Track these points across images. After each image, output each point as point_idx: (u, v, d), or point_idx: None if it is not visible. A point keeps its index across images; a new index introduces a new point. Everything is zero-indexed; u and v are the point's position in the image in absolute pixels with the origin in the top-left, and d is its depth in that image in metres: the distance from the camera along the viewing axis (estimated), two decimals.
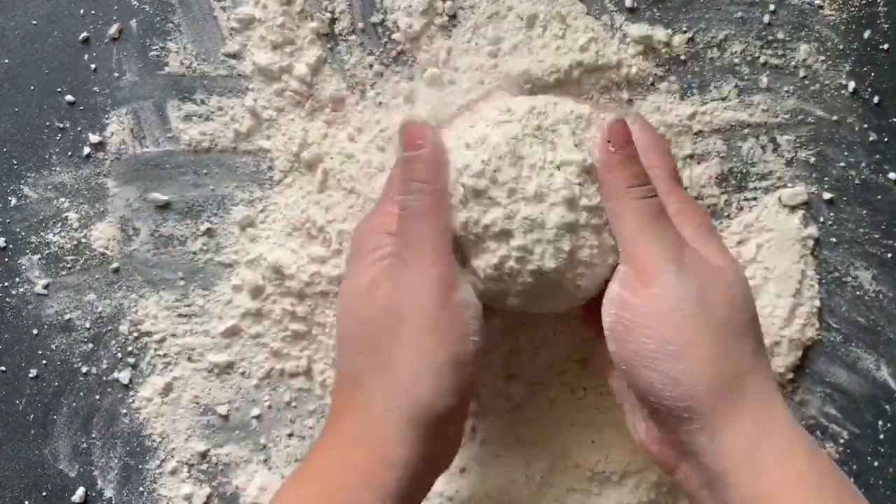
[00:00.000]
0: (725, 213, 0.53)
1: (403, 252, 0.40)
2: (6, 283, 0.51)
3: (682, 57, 0.53)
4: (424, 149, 0.42)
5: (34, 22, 0.52)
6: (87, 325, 0.52)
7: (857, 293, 0.54)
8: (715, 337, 0.37)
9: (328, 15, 0.52)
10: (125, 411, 0.52)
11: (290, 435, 0.52)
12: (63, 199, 0.52)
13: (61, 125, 0.52)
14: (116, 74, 0.52)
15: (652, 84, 0.53)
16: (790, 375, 0.53)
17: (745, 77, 0.53)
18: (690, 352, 0.37)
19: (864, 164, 0.54)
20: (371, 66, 0.52)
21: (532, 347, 0.51)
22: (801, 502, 0.36)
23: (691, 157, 0.53)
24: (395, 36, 0.52)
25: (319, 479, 0.39)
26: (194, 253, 0.52)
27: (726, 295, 0.38)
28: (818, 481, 0.36)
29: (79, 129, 0.52)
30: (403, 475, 0.38)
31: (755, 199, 0.53)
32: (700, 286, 0.38)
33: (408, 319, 0.39)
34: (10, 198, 0.52)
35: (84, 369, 0.51)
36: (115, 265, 0.52)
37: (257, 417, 0.52)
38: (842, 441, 0.53)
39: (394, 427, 0.38)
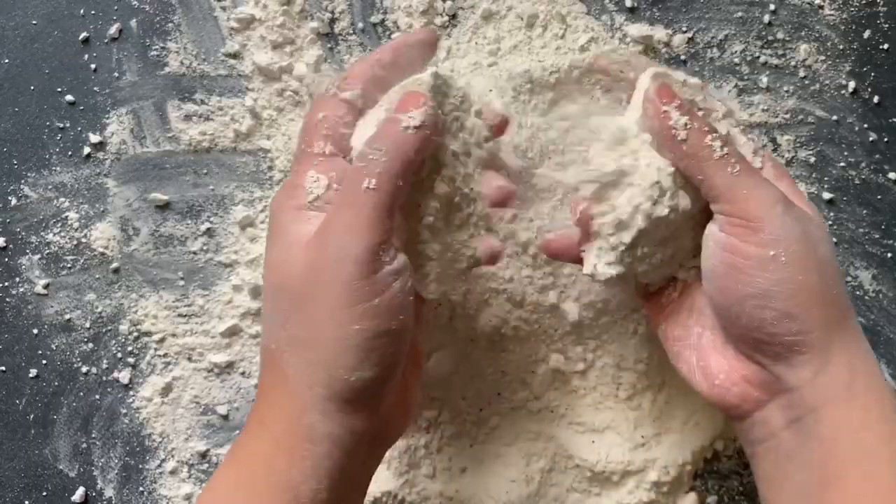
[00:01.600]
0: None
1: (342, 209, 0.37)
2: (6, 283, 0.51)
3: (682, 57, 0.53)
4: (419, 121, 0.37)
5: (34, 22, 0.52)
6: (87, 325, 0.52)
7: (857, 293, 0.54)
8: (823, 274, 0.38)
9: (328, 15, 0.52)
10: (125, 411, 0.52)
11: None
12: (63, 199, 0.52)
13: (61, 125, 0.52)
14: (116, 74, 0.52)
15: None
16: None
17: (745, 77, 0.53)
18: (803, 289, 0.38)
19: (864, 164, 0.54)
20: None
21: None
22: (888, 434, 0.37)
23: None
24: (395, 36, 0.52)
25: (248, 459, 0.38)
26: (194, 253, 0.52)
27: (824, 236, 0.39)
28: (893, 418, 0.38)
29: (79, 128, 0.52)
30: (331, 451, 0.37)
31: None
32: (804, 226, 0.39)
33: (328, 289, 0.36)
34: (10, 197, 0.52)
35: (84, 369, 0.51)
36: (115, 265, 0.52)
37: None
38: None
39: (313, 402, 0.37)
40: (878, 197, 0.54)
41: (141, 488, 0.51)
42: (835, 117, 0.54)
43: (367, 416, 0.38)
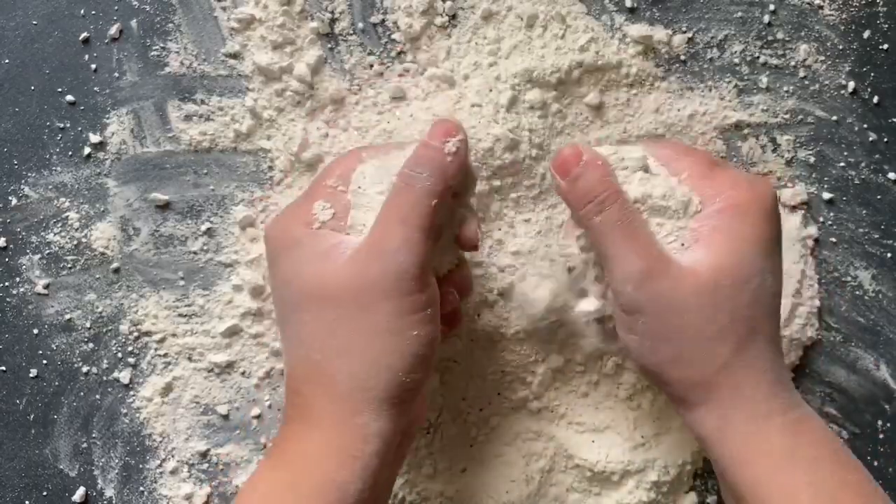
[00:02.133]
0: None
1: (396, 225, 0.40)
2: (7, 283, 0.51)
3: (682, 57, 0.53)
4: (455, 147, 0.41)
5: (35, 22, 0.52)
6: (88, 325, 0.52)
7: (857, 293, 0.54)
8: (677, 345, 0.40)
9: (328, 15, 0.52)
10: (125, 411, 0.52)
11: None
12: (63, 199, 0.52)
13: (62, 125, 0.52)
14: (117, 74, 0.52)
15: (652, 84, 0.53)
16: (790, 375, 0.53)
17: (745, 77, 0.53)
18: (654, 356, 0.41)
19: (863, 164, 0.54)
20: (371, 66, 0.52)
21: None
22: (767, 471, 0.39)
23: None
24: (395, 36, 0.52)
25: (296, 460, 0.39)
26: (194, 253, 0.52)
27: (692, 305, 0.39)
28: (787, 448, 0.39)
29: (79, 129, 0.52)
30: (380, 448, 0.39)
31: None
32: (659, 300, 0.40)
33: (387, 300, 0.39)
34: (10, 198, 0.52)
35: (84, 369, 0.51)
36: (115, 265, 0.52)
37: (257, 417, 0.52)
38: (841, 441, 0.53)
39: (368, 403, 0.39)
40: (878, 197, 0.54)
41: (141, 488, 0.51)
42: (834, 117, 0.54)
43: (407, 414, 0.41)
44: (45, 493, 0.51)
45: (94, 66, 0.52)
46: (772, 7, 0.54)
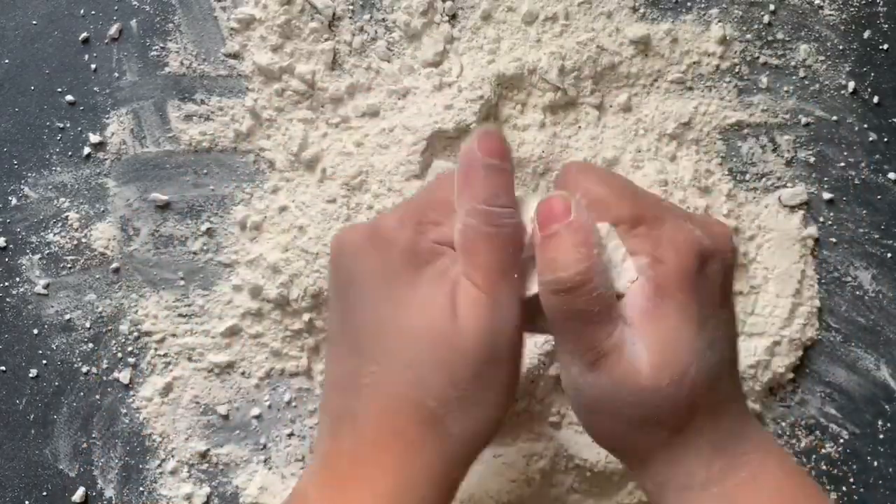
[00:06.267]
0: None
1: (494, 279, 0.37)
2: (6, 283, 0.52)
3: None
4: (507, 167, 0.37)
5: (34, 22, 0.52)
6: (88, 325, 0.52)
7: (857, 293, 0.54)
8: (617, 426, 0.38)
9: (328, 14, 0.52)
10: (125, 411, 0.52)
11: (290, 435, 0.52)
12: (63, 199, 0.52)
13: (61, 125, 0.52)
14: (117, 74, 0.52)
15: (652, 84, 0.53)
16: (790, 375, 0.53)
17: (745, 77, 0.53)
18: (592, 428, 0.40)
19: (863, 164, 0.54)
20: (371, 65, 0.52)
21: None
22: None
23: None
24: (395, 36, 0.52)
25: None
26: (194, 253, 0.52)
27: (632, 402, 0.36)
28: None
29: (79, 129, 0.52)
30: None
31: (755, 199, 0.53)
32: (601, 391, 0.37)
33: (506, 359, 0.38)
34: (10, 198, 0.52)
35: (84, 369, 0.51)
36: (115, 265, 0.52)
37: (257, 417, 0.52)
38: (842, 441, 0.53)
39: (469, 456, 0.39)
40: (878, 197, 0.54)
41: (141, 488, 0.51)
42: (835, 117, 0.54)
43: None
44: (44, 493, 0.51)
45: (93, 66, 0.52)
46: (772, 7, 0.54)
